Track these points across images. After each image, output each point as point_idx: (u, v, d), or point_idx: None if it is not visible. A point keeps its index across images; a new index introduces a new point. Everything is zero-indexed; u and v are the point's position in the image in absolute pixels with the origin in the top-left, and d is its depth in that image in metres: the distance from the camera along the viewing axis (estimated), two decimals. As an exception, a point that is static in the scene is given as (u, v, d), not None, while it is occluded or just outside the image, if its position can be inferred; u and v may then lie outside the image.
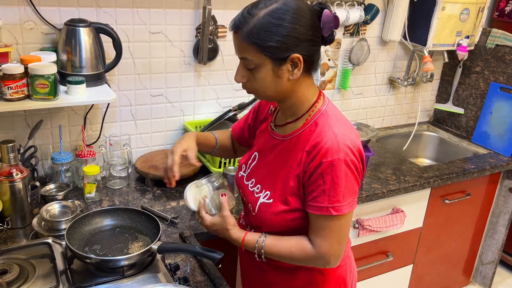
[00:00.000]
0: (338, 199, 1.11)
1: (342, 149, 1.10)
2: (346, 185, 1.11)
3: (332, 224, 1.14)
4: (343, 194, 1.11)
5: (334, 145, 1.11)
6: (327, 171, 1.10)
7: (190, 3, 1.96)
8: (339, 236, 1.16)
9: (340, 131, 1.14)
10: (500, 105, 2.54)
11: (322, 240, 1.15)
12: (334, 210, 1.11)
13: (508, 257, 2.99)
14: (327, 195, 1.11)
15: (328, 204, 1.11)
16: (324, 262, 1.18)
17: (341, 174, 1.10)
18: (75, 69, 1.67)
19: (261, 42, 1.07)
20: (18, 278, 1.24)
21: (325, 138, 1.12)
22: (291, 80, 1.13)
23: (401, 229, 2.19)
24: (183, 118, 2.13)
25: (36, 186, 1.65)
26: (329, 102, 1.22)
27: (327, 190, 1.11)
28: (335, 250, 1.16)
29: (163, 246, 1.29)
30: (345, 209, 1.12)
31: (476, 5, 2.45)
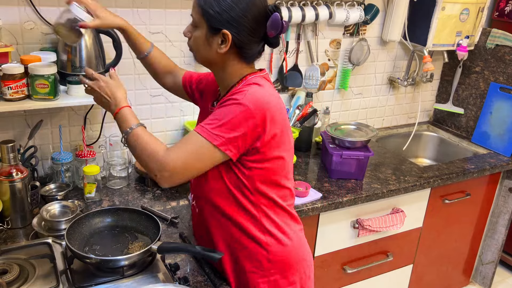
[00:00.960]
0: (210, 123, 1.15)
1: (244, 94, 1.16)
2: (226, 121, 1.14)
3: (189, 138, 1.17)
4: (218, 124, 1.14)
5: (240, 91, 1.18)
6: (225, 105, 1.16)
7: (190, 3, 1.94)
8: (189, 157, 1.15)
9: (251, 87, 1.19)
10: (500, 105, 2.54)
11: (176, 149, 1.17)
12: (199, 127, 1.16)
13: (508, 257, 2.99)
14: (208, 119, 1.17)
15: (202, 125, 1.16)
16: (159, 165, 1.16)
17: (229, 110, 1.14)
18: (75, 69, 1.66)
19: (204, 5, 1.19)
20: (18, 278, 1.24)
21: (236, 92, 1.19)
22: (220, 54, 1.21)
23: (401, 229, 2.19)
24: (183, 118, 2.13)
25: (36, 186, 1.65)
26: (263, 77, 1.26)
27: (212, 116, 1.17)
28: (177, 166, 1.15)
29: (163, 246, 1.29)
30: (206, 132, 1.14)
31: (476, 5, 2.45)
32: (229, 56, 1.23)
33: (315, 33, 2.31)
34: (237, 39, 1.18)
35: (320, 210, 1.85)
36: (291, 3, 2.15)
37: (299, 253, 1.34)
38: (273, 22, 1.20)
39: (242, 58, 1.24)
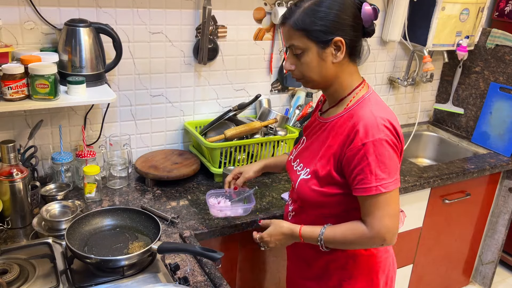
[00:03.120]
0: (385, 177, 1.17)
1: (381, 129, 1.17)
2: (391, 163, 1.17)
3: (381, 201, 1.18)
4: (389, 172, 1.17)
5: (373, 126, 1.17)
6: (370, 151, 1.16)
7: (190, 3, 1.96)
8: (389, 212, 1.19)
9: (378, 113, 1.20)
10: (500, 105, 2.54)
11: (374, 218, 1.19)
12: (383, 187, 1.17)
13: (508, 257, 2.99)
14: (374, 175, 1.16)
15: (377, 183, 1.16)
16: (379, 240, 1.20)
17: (384, 153, 1.16)
18: (75, 69, 1.67)
19: (306, 27, 1.18)
20: (18, 278, 1.24)
21: (364, 119, 1.19)
22: (335, 64, 1.21)
23: (401, 229, 2.18)
24: (183, 118, 2.13)
25: (36, 186, 1.65)
26: (373, 92, 1.28)
27: (373, 169, 1.16)
28: (387, 226, 1.19)
29: (163, 246, 1.29)
30: (391, 185, 1.18)
31: (476, 5, 2.45)
32: (343, 62, 1.23)
33: (315, 33, 2.31)
34: (348, 40, 1.19)
35: (320, 210, 1.85)
36: (291, 3, 2.15)
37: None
38: (366, 11, 1.21)
39: (353, 58, 1.25)
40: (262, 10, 2.14)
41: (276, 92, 2.34)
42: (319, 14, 1.17)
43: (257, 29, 2.16)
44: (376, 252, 1.37)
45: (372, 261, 1.37)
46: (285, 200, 1.83)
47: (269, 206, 1.80)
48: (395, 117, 1.24)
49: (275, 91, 2.34)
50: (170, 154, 2.06)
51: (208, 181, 1.96)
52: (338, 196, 1.26)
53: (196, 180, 1.97)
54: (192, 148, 2.13)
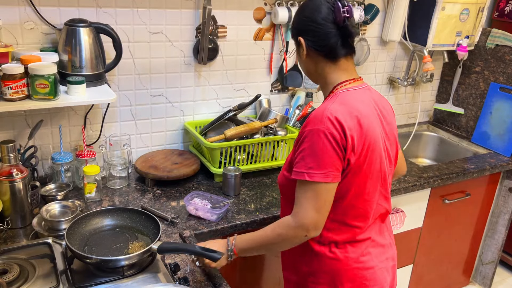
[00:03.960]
0: (313, 166, 1.20)
1: (324, 121, 1.20)
2: (323, 156, 1.19)
3: (307, 190, 1.21)
4: (319, 163, 1.19)
5: (318, 115, 1.23)
6: (308, 137, 1.22)
7: (190, 3, 1.96)
8: (315, 203, 1.21)
9: (333, 106, 1.24)
10: (500, 105, 2.54)
11: (298, 206, 1.23)
12: (308, 176, 1.20)
13: (508, 257, 2.99)
14: (305, 161, 1.21)
15: (304, 170, 1.21)
16: (302, 230, 1.23)
17: (319, 143, 1.20)
18: (75, 69, 1.67)
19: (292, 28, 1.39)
20: (18, 278, 1.24)
21: (316, 110, 1.27)
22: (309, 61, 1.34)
23: (401, 229, 2.19)
24: (183, 118, 2.13)
25: (36, 186, 1.65)
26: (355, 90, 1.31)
27: (305, 156, 1.21)
28: (312, 217, 1.21)
29: (163, 246, 1.29)
30: (318, 177, 1.19)
31: (476, 5, 2.45)
32: (315, 59, 1.33)
33: (315, 33, 2.31)
34: (307, 40, 1.31)
35: (320, 210, 1.84)
36: (291, 3, 2.15)
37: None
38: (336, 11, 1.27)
39: (329, 56, 1.31)
40: (262, 10, 2.14)
41: (276, 92, 2.34)
42: (295, 17, 1.37)
43: (257, 29, 2.16)
44: (342, 257, 1.33)
45: (337, 266, 1.33)
46: None
47: (269, 206, 1.80)
48: (353, 116, 1.23)
49: (275, 91, 2.34)
50: (170, 154, 2.06)
51: (208, 181, 1.96)
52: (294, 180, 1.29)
53: (196, 180, 1.97)
54: (192, 148, 2.13)
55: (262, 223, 1.71)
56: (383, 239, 1.41)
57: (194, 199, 1.73)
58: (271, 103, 2.30)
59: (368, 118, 1.26)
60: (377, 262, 1.36)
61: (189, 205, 1.68)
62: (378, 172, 1.30)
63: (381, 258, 1.38)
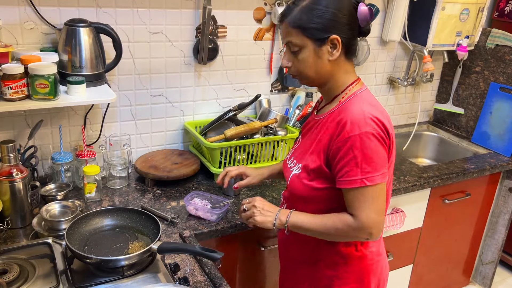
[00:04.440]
0: (371, 170, 1.17)
1: (369, 123, 1.17)
2: (378, 156, 1.17)
3: (367, 194, 1.18)
4: (375, 165, 1.17)
5: (360, 119, 1.18)
6: (356, 144, 1.16)
7: (190, 3, 1.96)
8: (376, 206, 1.19)
9: (367, 108, 1.20)
10: (500, 105, 2.54)
11: (360, 211, 1.19)
12: (368, 180, 1.17)
13: (508, 257, 2.99)
14: (360, 167, 1.17)
15: (362, 176, 1.17)
16: (365, 233, 1.20)
17: (371, 146, 1.16)
18: (75, 69, 1.67)
19: (303, 24, 1.20)
20: (18, 278, 1.24)
21: (352, 113, 1.20)
22: (331, 62, 1.23)
23: (401, 229, 2.19)
24: (183, 118, 2.13)
25: (36, 186, 1.65)
26: (366, 89, 1.29)
27: (359, 162, 1.16)
28: (374, 220, 1.19)
29: (163, 246, 1.29)
30: (378, 179, 1.17)
31: (476, 5, 2.45)
32: (339, 60, 1.24)
33: (315, 33, 2.31)
34: (344, 39, 1.20)
35: (320, 210, 1.84)
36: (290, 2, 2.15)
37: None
38: (362, 11, 1.21)
39: (348, 56, 1.26)
40: (262, 10, 2.14)
41: (276, 92, 2.34)
42: (316, 12, 1.18)
43: (257, 29, 2.16)
44: (368, 253, 1.34)
45: (364, 263, 1.35)
46: None
47: (269, 206, 1.79)
48: (386, 115, 1.24)
49: (275, 91, 2.34)
50: (170, 154, 2.06)
51: (208, 181, 1.96)
52: (327, 190, 1.27)
53: (196, 180, 1.97)
54: (192, 148, 2.13)
55: (262, 223, 1.71)
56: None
57: (194, 199, 1.73)
58: (271, 103, 2.30)
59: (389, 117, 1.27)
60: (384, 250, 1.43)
61: (189, 205, 1.68)
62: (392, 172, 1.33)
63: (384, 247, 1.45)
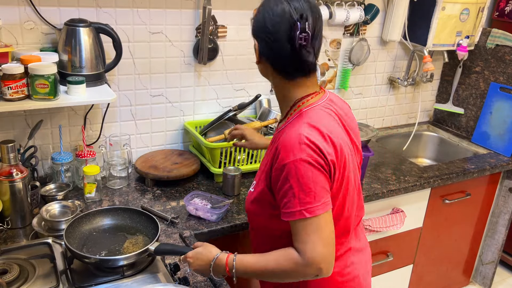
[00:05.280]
0: (310, 201, 1.07)
1: (303, 149, 1.08)
2: (316, 185, 1.08)
3: (309, 226, 1.08)
4: (314, 195, 1.08)
5: (294, 144, 1.09)
6: (292, 173, 1.08)
7: (190, 3, 1.96)
8: (321, 238, 1.08)
9: (305, 130, 1.11)
10: (500, 105, 2.54)
11: (304, 244, 1.09)
12: (307, 212, 1.07)
13: (508, 257, 2.99)
14: (297, 198, 1.08)
15: (301, 207, 1.08)
16: (314, 269, 1.09)
17: (307, 174, 1.07)
18: (75, 69, 1.67)
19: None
20: (18, 278, 1.24)
21: (287, 138, 1.12)
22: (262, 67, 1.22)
23: (401, 229, 2.19)
24: (183, 118, 2.13)
25: (36, 186, 1.65)
26: (320, 104, 1.19)
27: (296, 193, 1.08)
28: (321, 253, 1.08)
29: (160, 248, 1.28)
30: (318, 210, 1.08)
31: (476, 5, 2.45)
32: (270, 71, 1.20)
33: (315, 33, 2.31)
34: (261, 48, 1.16)
35: (320, 210, 1.84)
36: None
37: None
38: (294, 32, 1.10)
39: (283, 74, 1.18)
40: (262, 10, 2.13)
41: (276, 92, 2.34)
42: (257, 12, 1.18)
43: (257, 29, 2.15)
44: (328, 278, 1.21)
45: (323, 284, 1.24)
46: None
47: (269, 206, 1.79)
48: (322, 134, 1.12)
49: (275, 91, 2.34)
50: (170, 154, 2.06)
51: (208, 181, 1.96)
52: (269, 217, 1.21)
53: (196, 180, 1.97)
54: (192, 148, 2.13)
55: (262, 223, 1.71)
56: (359, 242, 1.36)
57: (194, 199, 1.73)
58: (271, 103, 2.30)
59: (338, 135, 1.16)
60: (360, 270, 1.32)
61: (189, 205, 1.68)
62: (353, 187, 1.24)
63: (362, 263, 1.35)
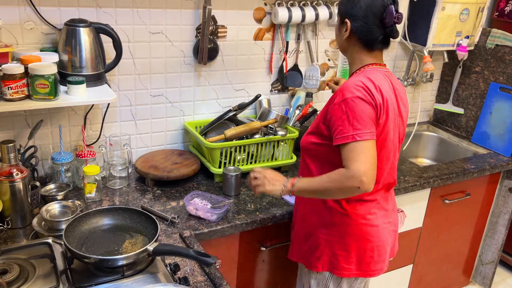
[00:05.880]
0: (361, 128, 1.32)
1: (359, 89, 1.35)
2: (366, 117, 1.33)
3: (359, 148, 1.32)
4: (365, 124, 1.33)
5: (350, 86, 1.37)
6: (345, 105, 1.35)
7: (190, 3, 1.96)
8: (368, 157, 1.31)
9: (361, 78, 1.39)
10: (500, 105, 2.54)
11: (352, 161, 1.32)
12: (358, 136, 1.32)
13: (508, 257, 2.99)
14: (351, 125, 1.33)
15: (353, 132, 1.32)
16: (356, 181, 1.30)
17: (359, 107, 1.34)
18: (75, 69, 1.67)
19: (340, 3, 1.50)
20: (18, 278, 1.24)
21: (347, 83, 1.40)
22: (346, 40, 1.47)
23: (401, 229, 2.19)
24: (183, 118, 2.13)
25: (36, 186, 1.65)
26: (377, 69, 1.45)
27: (351, 121, 1.33)
28: (364, 168, 1.30)
29: (158, 248, 1.28)
30: (367, 135, 1.32)
31: (476, 5, 2.45)
32: (353, 43, 1.46)
33: (315, 33, 2.31)
34: (353, 26, 1.43)
35: (320, 210, 1.84)
36: (291, 3, 2.15)
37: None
38: (388, 14, 1.41)
39: (365, 43, 1.45)
40: (262, 10, 2.14)
41: (276, 92, 2.34)
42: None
43: (257, 29, 2.16)
44: (351, 214, 1.49)
45: (345, 222, 1.50)
46: (285, 200, 1.83)
47: (269, 206, 1.80)
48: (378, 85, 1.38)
49: (275, 91, 2.34)
50: (170, 154, 2.06)
51: (208, 181, 1.96)
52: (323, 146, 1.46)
53: (196, 180, 1.97)
54: (192, 148, 2.13)
55: (262, 223, 1.71)
56: (387, 204, 1.58)
57: (194, 199, 1.73)
58: (271, 103, 2.30)
59: (388, 93, 1.41)
60: (380, 222, 1.53)
61: (189, 205, 1.68)
62: (391, 143, 1.46)
63: (384, 220, 1.55)
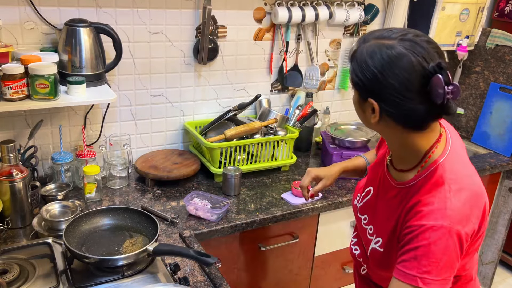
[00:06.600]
0: (429, 270, 0.96)
1: (450, 216, 0.97)
2: (444, 258, 0.96)
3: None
4: (439, 267, 0.96)
5: (440, 209, 0.98)
6: (425, 235, 0.97)
7: (190, 3, 1.96)
8: None
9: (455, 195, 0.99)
10: (500, 105, 2.54)
11: None
12: (422, 282, 0.96)
13: (508, 257, 2.99)
14: (418, 262, 0.97)
15: (417, 273, 0.96)
16: None
17: (441, 243, 0.95)
18: (75, 69, 1.67)
19: (352, 70, 1.04)
20: (18, 278, 1.24)
21: (433, 199, 1.00)
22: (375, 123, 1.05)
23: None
24: (183, 118, 2.13)
25: (36, 186, 1.65)
26: (450, 151, 1.06)
27: (419, 256, 0.97)
28: None
29: (158, 248, 1.28)
30: (434, 284, 0.96)
31: (476, 5, 2.45)
32: (391, 125, 1.03)
33: (315, 33, 2.31)
34: (384, 109, 1.00)
35: (320, 210, 1.85)
36: (291, 3, 2.15)
37: None
38: (436, 86, 0.94)
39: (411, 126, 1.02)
40: (262, 10, 2.14)
41: (276, 92, 2.34)
42: (363, 65, 1.00)
43: (257, 29, 2.16)
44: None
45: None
46: (285, 200, 1.83)
47: (269, 206, 1.80)
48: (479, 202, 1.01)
49: (275, 91, 2.34)
50: (170, 154, 2.06)
51: (208, 181, 1.96)
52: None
53: (196, 180, 1.97)
54: (192, 148, 2.13)
55: (262, 223, 1.71)
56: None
57: (194, 199, 1.73)
58: (271, 103, 2.30)
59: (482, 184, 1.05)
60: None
61: (189, 205, 1.68)
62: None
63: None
